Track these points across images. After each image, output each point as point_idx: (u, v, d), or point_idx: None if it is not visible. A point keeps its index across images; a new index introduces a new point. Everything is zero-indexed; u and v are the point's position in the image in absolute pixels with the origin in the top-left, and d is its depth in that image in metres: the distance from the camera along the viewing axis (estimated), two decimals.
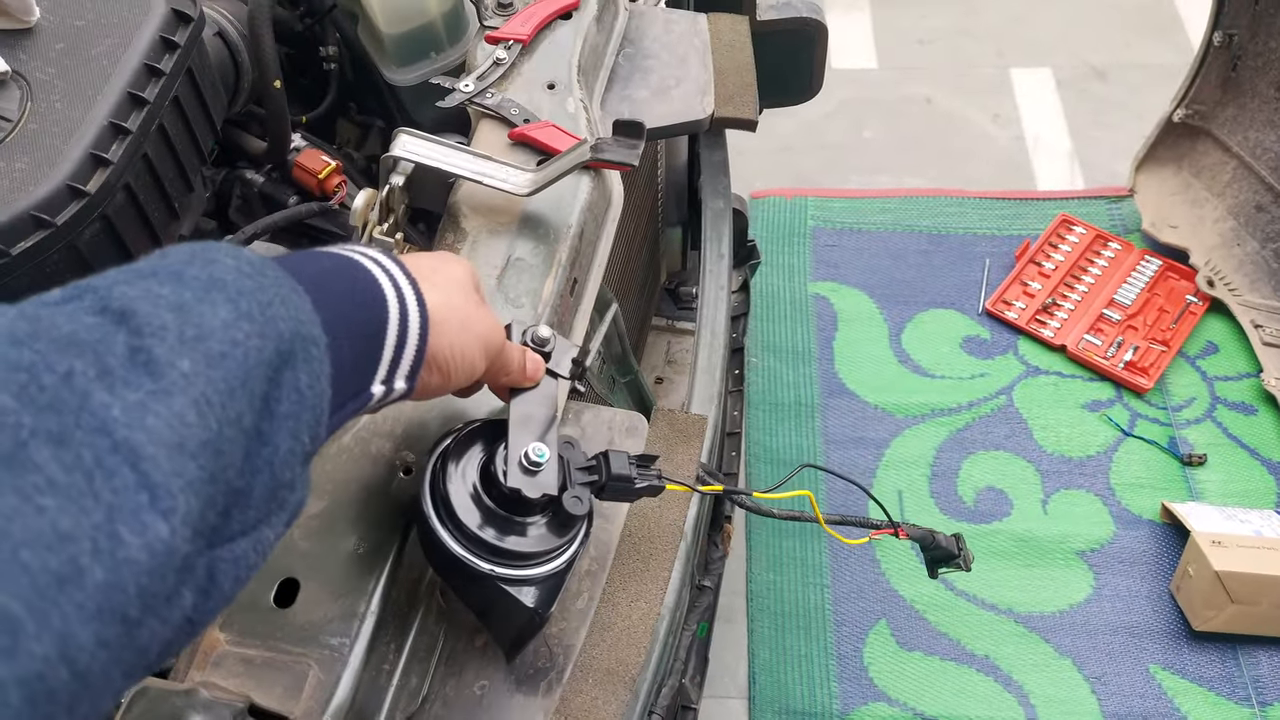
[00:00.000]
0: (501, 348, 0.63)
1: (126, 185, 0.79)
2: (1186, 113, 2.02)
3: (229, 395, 0.41)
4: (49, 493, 0.33)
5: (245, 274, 0.45)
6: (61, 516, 0.33)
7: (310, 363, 0.46)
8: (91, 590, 0.33)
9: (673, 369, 1.42)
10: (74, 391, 0.36)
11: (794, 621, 1.78)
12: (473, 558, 0.61)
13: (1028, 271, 2.15)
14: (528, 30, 0.94)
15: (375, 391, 0.54)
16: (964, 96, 2.52)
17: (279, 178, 1.03)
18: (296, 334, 0.46)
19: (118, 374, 0.38)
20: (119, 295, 0.41)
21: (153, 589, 0.36)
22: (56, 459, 0.34)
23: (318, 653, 0.63)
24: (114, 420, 0.36)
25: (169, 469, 0.37)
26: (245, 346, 0.42)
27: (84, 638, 0.33)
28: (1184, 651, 1.71)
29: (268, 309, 0.44)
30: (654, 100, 1.01)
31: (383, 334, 0.53)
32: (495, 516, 0.63)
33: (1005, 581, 1.80)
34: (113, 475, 0.35)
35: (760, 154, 2.38)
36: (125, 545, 0.35)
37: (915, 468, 1.93)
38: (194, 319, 0.41)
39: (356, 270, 0.54)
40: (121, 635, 0.35)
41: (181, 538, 0.37)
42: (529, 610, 0.62)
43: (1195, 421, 1.95)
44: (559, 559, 0.64)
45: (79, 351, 0.37)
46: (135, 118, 0.79)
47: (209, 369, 0.40)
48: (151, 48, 0.82)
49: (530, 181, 0.81)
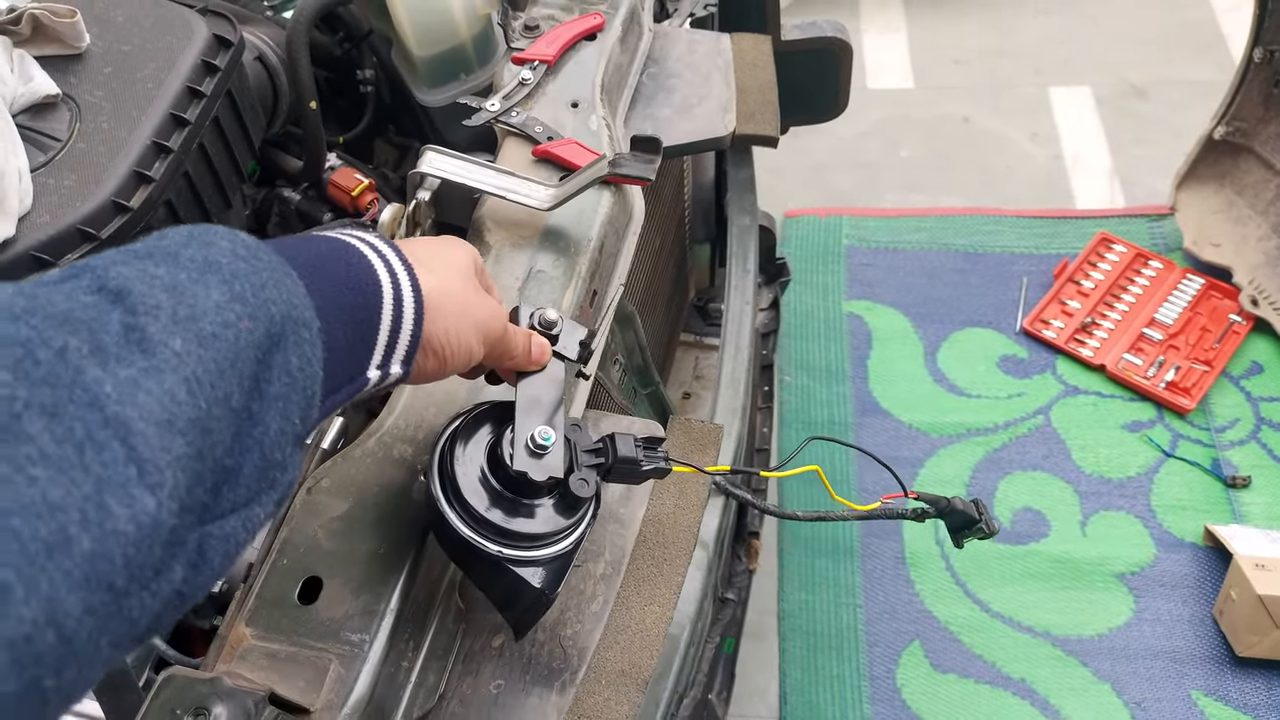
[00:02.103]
0: (502, 333, 0.63)
1: (168, 201, 0.83)
2: (1228, 130, 1.99)
3: (219, 375, 0.42)
4: (40, 464, 0.34)
5: (240, 256, 0.46)
6: (52, 487, 0.34)
7: (301, 345, 0.47)
8: (79, 559, 0.34)
9: (700, 384, 1.44)
10: (68, 366, 0.37)
11: (826, 641, 1.77)
12: (480, 539, 0.62)
13: (1066, 290, 2.13)
14: (553, 51, 0.97)
15: (371, 376, 0.55)
16: (1002, 115, 2.51)
17: (314, 195, 1.07)
18: (288, 316, 0.46)
19: (111, 351, 0.39)
20: (115, 275, 0.42)
21: (139, 560, 0.37)
22: (49, 431, 0.35)
23: (339, 648, 0.65)
24: (106, 396, 0.37)
25: (158, 445, 0.38)
26: (236, 328, 0.43)
27: (71, 604, 0.34)
28: (1227, 678, 1.67)
29: (261, 291, 0.45)
30: (677, 118, 1.03)
31: (377, 318, 0.54)
32: (502, 498, 0.63)
33: (1042, 603, 1.77)
34: (102, 449, 0.36)
35: (795, 173, 2.40)
36: (113, 517, 0.35)
37: (950, 488, 1.92)
38: (187, 299, 0.42)
39: (351, 254, 0.54)
40: (109, 604, 0.35)
41: (169, 511, 0.38)
42: (536, 590, 0.63)
43: (1239, 443, 1.91)
44: (566, 540, 0.64)
45: (74, 328, 0.38)
46: (177, 137, 0.83)
47: (200, 348, 0.41)
48: (194, 71, 0.86)
49: (551, 196, 0.83)
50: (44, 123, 0.81)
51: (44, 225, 0.75)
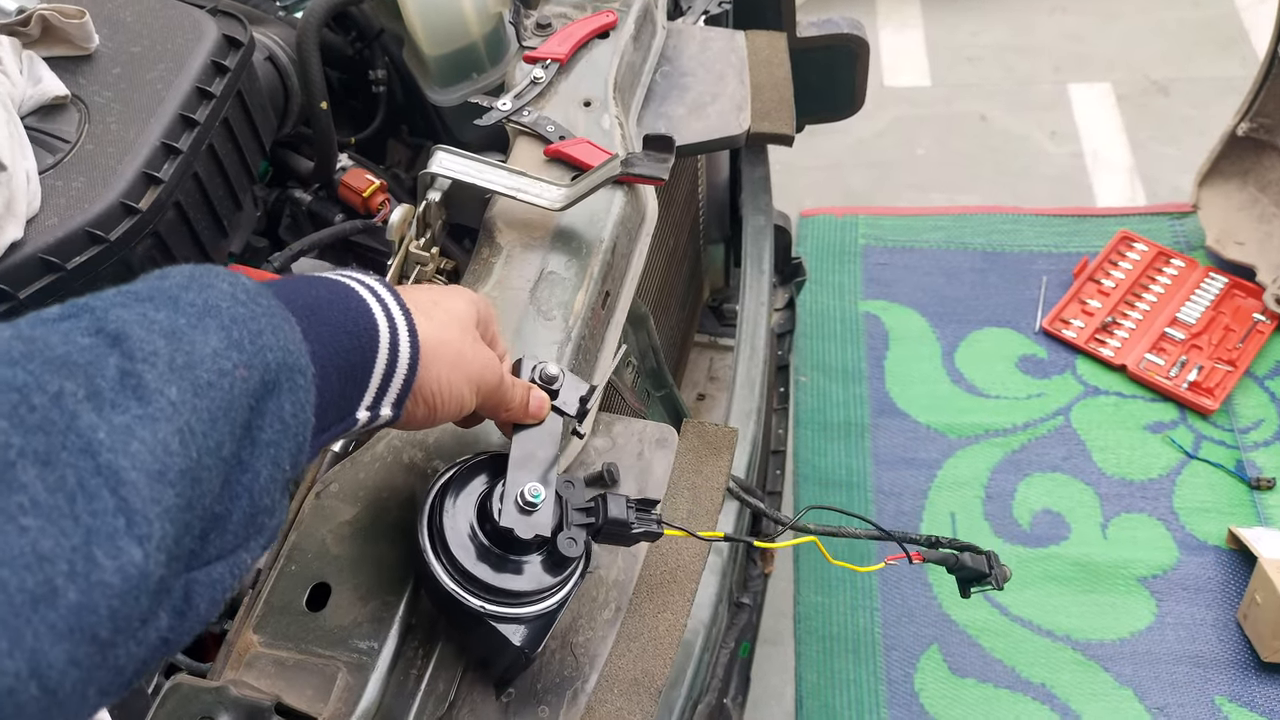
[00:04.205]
0: (497, 385, 0.63)
1: (177, 203, 0.82)
2: (1251, 126, 1.96)
3: (211, 424, 0.41)
4: (32, 513, 0.34)
5: (239, 301, 0.46)
6: (42, 538, 0.34)
7: (296, 392, 0.47)
8: (64, 611, 0.34)
9: (715, 386, 1.42)
10: (63, 412, 0.37)
11: (843, 645, 1.75)
12: (464, 594, 0.61)
13: (1086, 289, 2.10)
14: (565, 50, 0.96)
15: (360, 417, 0.55)
16: (1020, 113, 2.48)
17: (326, 196, 1.06)
18: (284, 364, 0.46)
19: (106, 396, 0.39)
20: (114, 318, 0.41)
21: (125, 612, 0.36)
22: (41, 479, 0.35)
23: (347, 656, 0.64)
24: (99, 443, 0.37)
25: (148, 496, 0.38)
26: (232, 376, 0.43)
27: (55, 656, 0.33)
28: (1252, 683, 1.64)
29: (258, 338, 0.45)
30: (690, 117, 1.02)
31: (372, 363, 0.54)
32: (489, 553, 0.62)
33: (1063, 607, 1.75)
34: (93, 498, 0.36)
35: (811, 172, 2.38)
36: (100, 568, 0.35)
37: (969, 489, 1.89)
38: (185, 346, 0.42)
39: (350, 299, 0.54)
40: (93, 655, 0.35)
41: (156, 562, 0.38)
42: (516, 649, 0.62)
43: (1264, 444, 1.88)
44: (550, 599, 0.63)
45: (70, 372, 0.38)
46: (186, 138, 0.82)
47: (195, 398, 0.41)
48: (203, 71, 0.85)
49: (563, 196, 0.82)
50: (52, 124, 0.80)
51: (52, 228, 0.75)
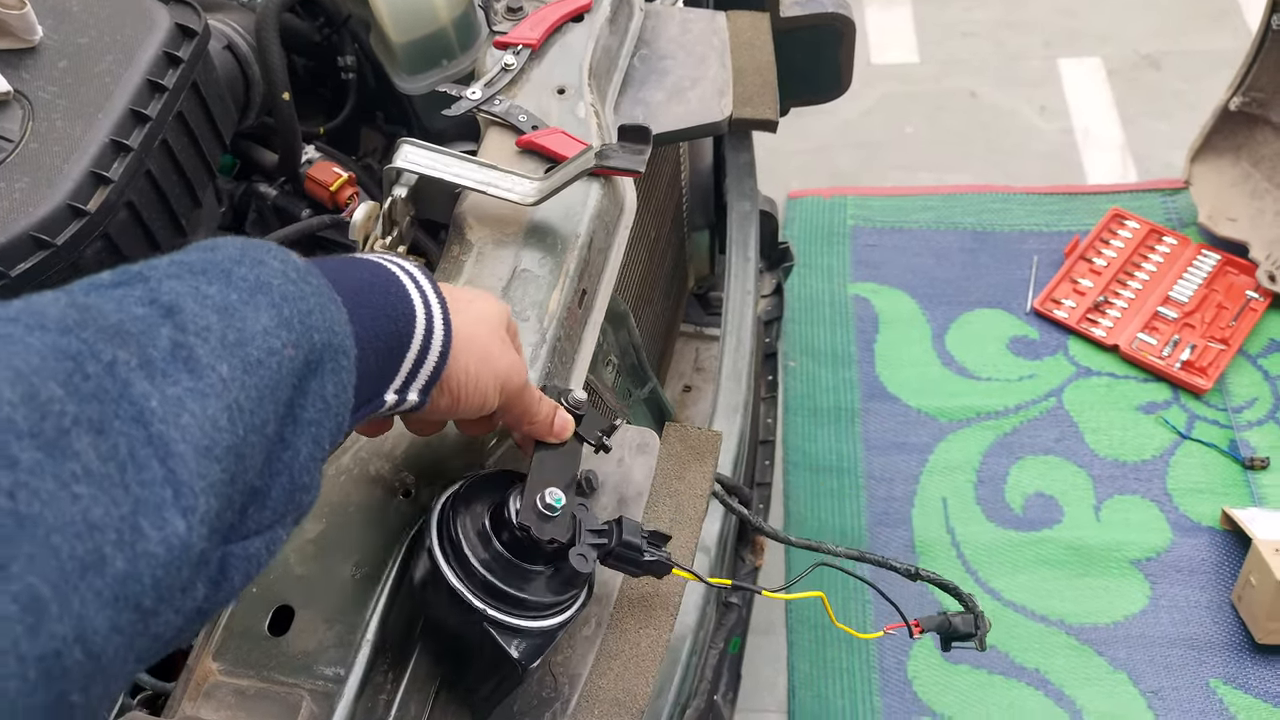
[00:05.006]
0: (521, 388, 0.63)
1: (129, 203, 0.78)
2: (1244, 100, 1.93)
3: (259, 402, 0.42)
4: (84, 481, 0.35)
5: (290, 279, 0.47)
6: (94, 506, 0.35)
7: (338, 373, 0.48)
8: (111, 579, 0.35)
9: (701, 377, 1.39)
10: (116, 380, 0.38)
11: (835, 634, 1.73)
12: (467, 592, 0.59)
13: (1078, 269, 2.07)
14: (537, 34, 0.92)
15: (388, 399, 0.56)
16: (1010, 89, 2.44)
17: (292, 190, 1.02)
18: (329, 344, 0.47)
19: (159, 366, 0.39)
20: (168, 290, 0.42)
21: (167, 582, 0.37)
22: (94, 447, 0.36)
23: (311, 683, 0.61)
24: (151, 412, 0.38)
25: (195, 469, 0.38)
26: (280, 355, 0.44)
27: (99, 622, 0.34)
28: (1246, 665, 1.62)
29: (307, 318, 0.46)
30: (670, 103, 0.98)
31: (406, 347, 0.55)
32: (499, 559, 0.61)
33: (1056, 592, 1.73)
34: (143, 468, 0.37)
35: (798, 153, 2.34)
36: (146, 538, 0.36)
37: (961, 473, 1.87)
38: (236, 322, 0.43)
39: (392, 285, 0.56)
40: (135, 622, 0.36)
41: (198, 535, 0.38)
42: (512, 660, 0.59)
43: (1258, 423, 1.86)
44: (552, 618, 0.62)
45: (123, 341, 0.39)
46: (137, 134, 0.78)
47: (245, 375, 0.42)
48: (155, 63, 0.81)
49: (536, 190, 0.78)
50: None
51: None
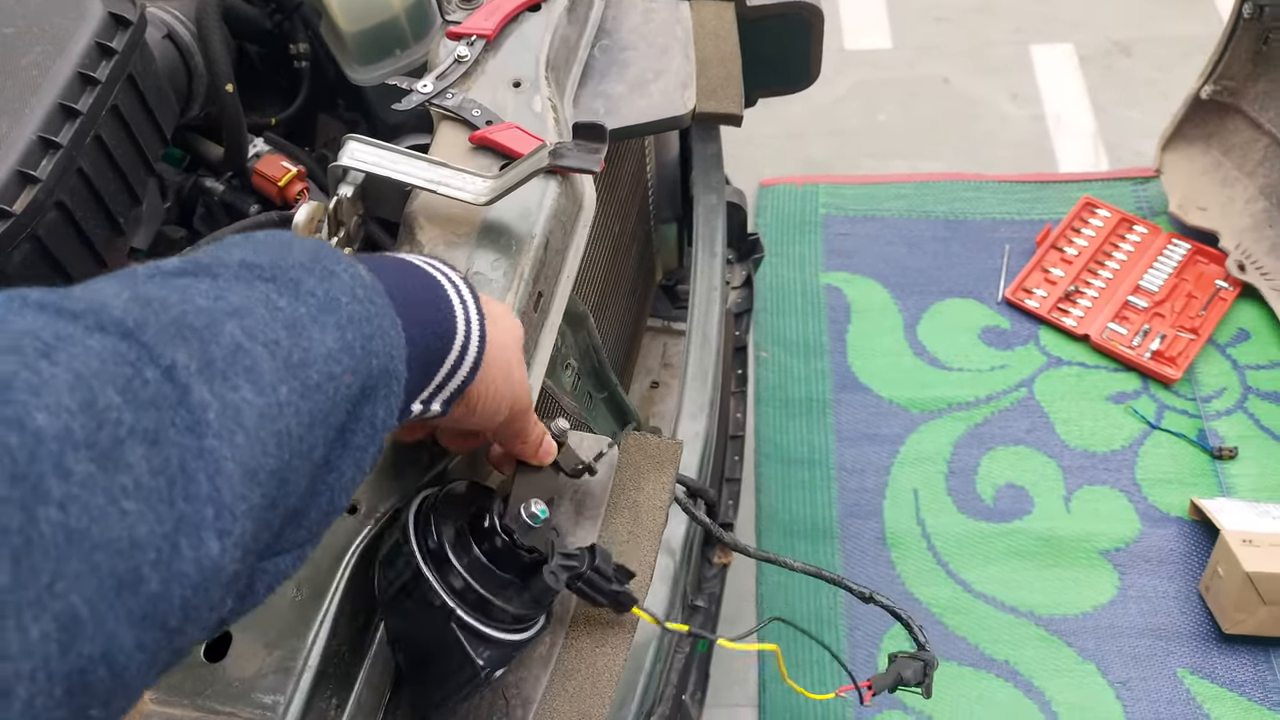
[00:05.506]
0: (526, 410, 0.64)
1: (60, 203, 0.74)
2: (1215, 89, 1.92)
3: (309, 428, 0.42)
4: (134, 496, 0.34)
5: (358, 298, 0.46)
6: (139, 523, 0.34)
7: (389, 398, 0.48)
8: (143, 598, 0.34)
9: (669, 373, 1.37)
10: (175, 386, 0.37)
11: (806, 625, 1.72)
12: (440, 588, 0.59)
13: (1049, 258, 2.06)
14: (492, 25, 0.88)
15: (415, 409, 0.55)
16: (982, 75, 2.43)
17: (240, 185, 0.98)
18: (385, 370, 0.47)
19: (219, 367, 0.38)
20: (238, 294, 0.41)
21: (195, 602, 0.37)
22: (147, 459, 0.35)
23: (249, 711, 0.58)
24: (207, 424, 0.37)
25: (238, 491, 0.38)
26: (339, 381, 0.43)
27: (126, 641, 0.34)
28: (1214, 655, 1.63)
29: (369, 342, 0.46)
30: (631, 95, 0.95)
31: (443, 360, 0.55)
32: (477, 564, 0.61)
33: (1026, 583, 1.73)
34: (191, 481, 0.36)
35: (769, 140, 2.31)
36: (181, 558, 0.35)
37: (932, 465, 1.86)
38: (303, 342, 0.42)
39: (441, 301, 0.55)
40: (160, 640, 0.36)
41: (231, 558, 0.38)
42: (474, 665, 0.58)
43: (1226, 413, 1.87)
44: (516, 632, 0.61)
45: (185, 339, 0.38)
46: (67, 130, 0.74)
47: (301, 399, 0.41)
48: (86, 55, 0.77)
49: (488, 189, 0.75)
50: None
51: None
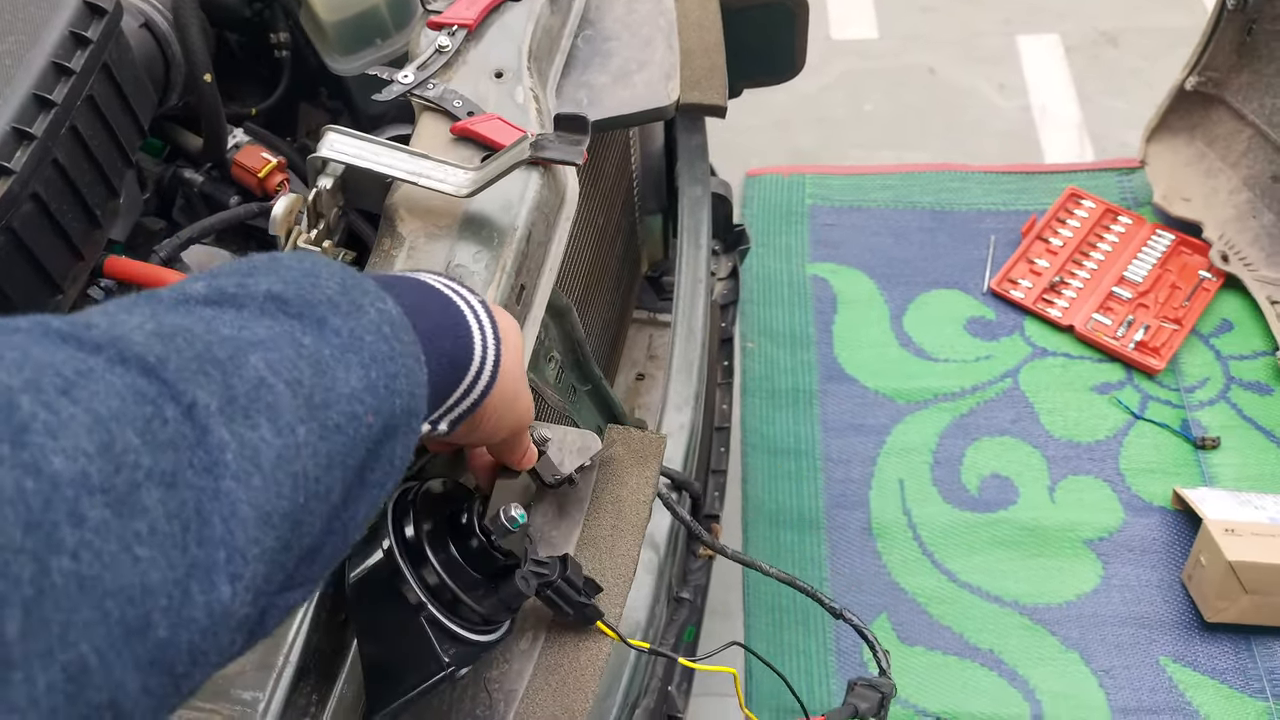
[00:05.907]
0: (524, 430, 0.64)
1: (34, 195, 0.73)
2: (1199, 80, 1.92)
3: (326, 470, 0.41)
4: (147, 542, 0.33)
5: (384, 336, 0.45)
6: (152, 570, 0.33)
7: (409, 435, 0.47)
8: (151, 645, 0.34)
9: (654, 364, 1.36)
10: (195, 426, 0.36)
11: (792, 616, 1.73)
12: (414, 581, 0.58)
13: (1034, 249, 2.07)
14: (474, 14, 0.88)
15: (423, 429, 0.54)
16: (969, 66, 2.43)
17: (219, 177, 0.97)
18: (406, 409, 0.46)
19: (240, 404, 0.38)
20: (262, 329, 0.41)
21: (203, 647, 0.36)
22: (163, 503, 0.34)
23: (228, 709, 0.58)
24: (224, 466, 0.36)
25: (251, 535, 0.37)
26: (359, 422, 0.42)
27: (132, 687, 0.33)
28: (1196, 643, 1.64)
29: (393, 382, 0.45)
30: (615, 86, 0.94)
31: (457, 385, 0.54)
32: (451, 562, 0.61)
33: (1011, 572, 1.74)
34: (205, 524, 0.35)
35: (756, 130, 2.30)
36: (192, 604, 0.35)
37: (917, 455, 1.87)
38: (325, 381, 0.41)
39: (460, 329, 0.54)
40: (166, 685, 0.35)
41: (241, 602, 0.37)
42: (440, 662, 0.58)
43: (1209, 403, 1.88)
44: (483, 634, 0.61)
45: (207, 375, 0.37)
46: (41, 121, 0.73)
47: (320, 440, 0.40)
48: (60, 45, 0.76)
49: (470, 181, 0.75)
50: None
51: None
